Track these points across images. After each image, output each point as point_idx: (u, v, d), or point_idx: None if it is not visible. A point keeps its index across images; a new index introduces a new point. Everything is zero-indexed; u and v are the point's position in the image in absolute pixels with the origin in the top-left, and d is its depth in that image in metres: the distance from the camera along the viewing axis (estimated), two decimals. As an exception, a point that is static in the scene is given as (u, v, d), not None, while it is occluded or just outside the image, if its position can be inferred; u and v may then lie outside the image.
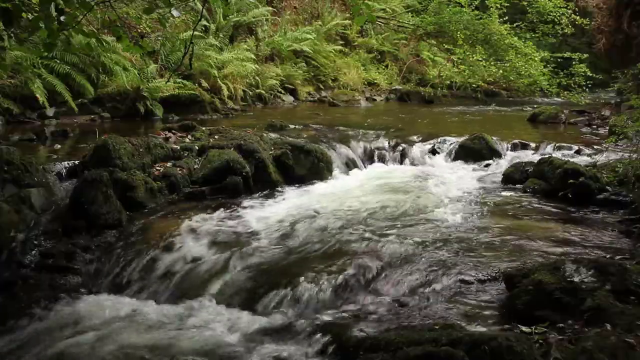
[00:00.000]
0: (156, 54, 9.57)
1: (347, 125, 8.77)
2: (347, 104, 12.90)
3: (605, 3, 12.67)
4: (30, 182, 4.53)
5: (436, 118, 10.96)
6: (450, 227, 4.52)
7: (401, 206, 5.17)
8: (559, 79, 10.99)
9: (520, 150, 7.51)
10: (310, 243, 4.23)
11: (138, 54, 8.40)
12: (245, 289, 3.64)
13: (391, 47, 15.94)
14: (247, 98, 11.10)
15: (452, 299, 3.27)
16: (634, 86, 7.51)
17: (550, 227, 4.52)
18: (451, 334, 2.53)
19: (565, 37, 14.93)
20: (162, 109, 8.70)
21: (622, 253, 3.84)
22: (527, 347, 2.38)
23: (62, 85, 7.33)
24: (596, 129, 9.30)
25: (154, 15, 3.65)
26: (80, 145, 6.13)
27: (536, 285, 2.96)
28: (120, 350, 2.97)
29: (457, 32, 11.09)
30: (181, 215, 4.72)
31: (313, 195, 5.60)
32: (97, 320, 3.30)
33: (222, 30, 11.46)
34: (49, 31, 2.88)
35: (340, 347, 2.81)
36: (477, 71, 11.88)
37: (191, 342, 3.02)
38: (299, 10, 14.69)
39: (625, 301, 2.78)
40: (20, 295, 3.61)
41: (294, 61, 13.05)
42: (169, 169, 5.43)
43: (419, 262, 3.79)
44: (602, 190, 5.34)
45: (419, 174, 6.58)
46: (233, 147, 5.88)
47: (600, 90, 13.82)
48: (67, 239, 4.20)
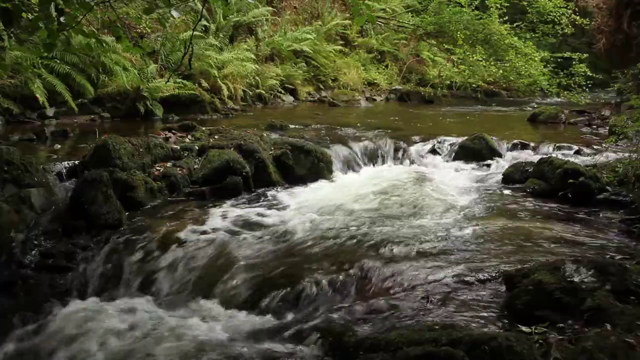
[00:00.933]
0: (156, 54, 9.57)
1: (347, 125, 8.78)
2: (347, 104, 12.90)
3: (605, 3, 12.67)
4: (30, 182, 4.53)
5: (436, 118, 10.96)
6: (449, 227, 4.52)
7: (401, 206, 5.17)
8: (559, 79, 10.99)
9: (520, 150, 7.51)
10: (310, 243, 4.23)
11: (138, 54, 8.40)
12: (245, 289, 3.64)
13: (391, 47, 15.95)
14: (247, 98, 11.11)
15: (452, 299, 3.27)
16: (634, 86, 7.51)
17: (550, 227, 4.52)
18: (451, 334, 2.53)
19: (565, 37, 14.93)
20: (162, 109, 8.70)
21: (622, 253, 3.84)
22: (527, 347, 2.38)
23: (62, 85, 7.33)
24: (596, 129, 9.30)
25: (153, 15, 3.65)
26: (80, 145, 6.13)
27: (536, 285, 2.95)
28: (120, 350, 2.97)
29: (457, 32, 11.09)
30: (181, 215, 4.72)
31: (313, 195, 5.59)
32: (96, 320, 3.29)
33: (222, 30, 11.46)
34: (48, 31, 2.88)
35: (340, 347, 2.81)
36: (477, 71, 11.88)
37: (191, 342, 3.02)
38: (299, 10, 14.69)
39: (625, 301, 2.77)
40: (20, 295, 3.61)
41: (294, 61, 13.05)
42: (169, 169, 5.44)
43: (419, 262, 3.79)
44: (602, 190, 5.34)
45: (419, 174, 6.57)
46: (233, 147, 5.88)
47: (600, 90, 13.82)
48: (67, 239, 4.20)
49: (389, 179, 6.35)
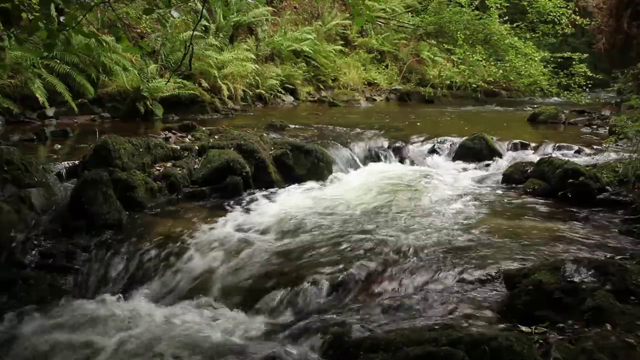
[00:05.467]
0: (156, 54, 9.58)
1: (347, 125, 8.78)
2: (347, 104, 12.90)
3: (605, 3, 12.68)
4: (30, 182, 4.53)
5: (436, 118, 10.96)
6: (450, 227, 4.52)
7: (401, 206, 5.17)
8: (559, 79, 10.97)
9: (520, 150, 7.50)
10: (310, 243, 4.23)
11: (138, 54, 8.41)
12: (245, 289, 3.65)
13: (391, 47, 15.95)
14: (247, 98, 11.11)
15: (452, 299, 3.27)
16: (634, 86, 7.52)
17: (550, 227, 4.52)
18: (451, 334, 2.53)
19: (565, 37, 14.93)
20: (162, 109, 8.70)
21: (622, 253, 3.84)
22: (527, 347, 2.38)
23: (62, 85, 7.33)
24: (596, 129, 9.29)
25: (153, 15, 3.66)
26: (80, 145, 6.13)
27: (536, 285, 2.95)
28: (119, 350, 2.97)
29: (457, 32, 11.07)
30: (181, 216, 4.72)
31: (313, 195, 5.59)
32: (96, 320, 3.29)
33: (222, 30, 11.47)
34: (48, 31, 2.88)
35: (340, 347, 2.81)
36: (477, 71, 11.86)
37: (191, 342, 3.02)
38: (299, 10, 14.69)
39: (625, 301, 2.77)
40: (20, 295, 3.61)
41: (294, 61, 13.05)
42: (169, 169, 5.43)
43: (419, 262, 3.79)
44: (602, 190, 5.34)
45: (418, 174, 6.57)
46: (233, 147, 5.88)
47: (600, 90, 13.81)
48: (67, 239, 4.20)
49: (389, 178, 6.35)
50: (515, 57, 10.69)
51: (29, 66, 6.97)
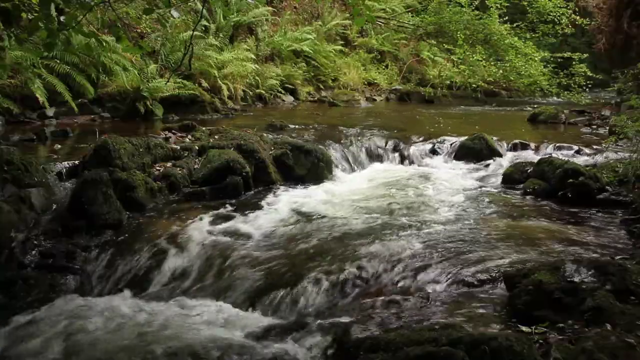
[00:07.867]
0: (156, 54, 9.57)
1: (347, 125, 8.78)
2: (347, 104, 12.90)
3: (605, 3, 12.67)
4: (30, 182, 4.54)
5: (436, 118, 10.96)
6: (450, 227, 4.52)
7: (401, 206, 5.16)
8: (559, 79, 10.97)
9: (520, 150, 7.51)
10: (310, 243, 4.23)
11: (138, 54, 8.40)
12: (246, 289, 3.65)
13: (391, 47, 15.94)
14: (247, 98, 11.11)
15: (452, 299, 3.27)
16: (634, 86, 7.52)
17: (550, 227, 4.52)
18: (451, 334, 2.53)
19: (565, 37, 14.93)
20: (162, 109, 8.70)
21: (622, 253, 3.84)
22: (527, 347, 2.37)
23: (62, 85, 7.33)
24: (596, 129, 9.29)
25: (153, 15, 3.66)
26: (80, 145, 6.13)
27: (536, 285, 2.95)
28: (120, 350, 2.97)
29: (457, 32, 11.07)
30: (181, 216, 4.72)
31: (313, 195, 5.59)
32: (97, 320, 3.29)
33: (222, 30, 11.46)
34: (48, 31, 2.88)
35: (340, 347, 2.81)
36: (477, 71, 11.86)
37: (192, 341, 3.02)
38: (299, 10, 14.69)
39: (625, 301, 2.77)
40: (20, 295, 3.61)
41: (294, 61, 13.05)
42: (169, 169, 5.43)
43: (419, 262, 3.79)
44: (602, 190, 5.34)
45: (419, 174, 6.57)
46: (233, 147, 5.88)
47: (600, 90, 13.82)
48: (67, 239, 4.20)
49: (389, 178, 6.36)
50: (515, 57, 10.69)
51: (29, 66, 6.96)
